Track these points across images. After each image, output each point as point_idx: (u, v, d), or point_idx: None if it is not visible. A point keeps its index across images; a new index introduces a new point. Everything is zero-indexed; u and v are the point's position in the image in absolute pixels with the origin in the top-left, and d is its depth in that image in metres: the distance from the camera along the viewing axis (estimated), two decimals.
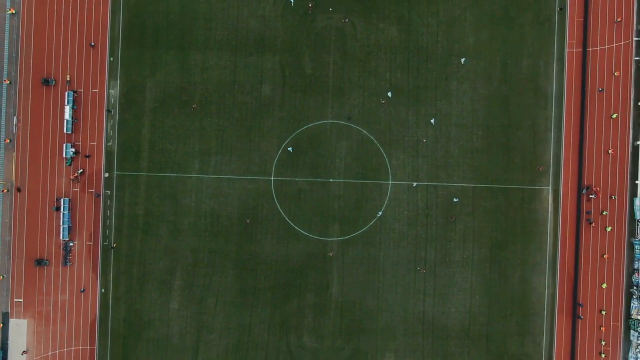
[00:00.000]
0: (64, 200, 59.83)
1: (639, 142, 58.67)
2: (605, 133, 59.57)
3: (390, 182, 59.98)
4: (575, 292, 59.44)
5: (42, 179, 60.56)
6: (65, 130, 59.84)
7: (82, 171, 60.25)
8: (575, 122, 59.75)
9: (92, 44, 59.86)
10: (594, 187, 59.47)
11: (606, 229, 59.26)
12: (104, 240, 60.59)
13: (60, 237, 60.00)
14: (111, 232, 60.58)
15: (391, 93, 59.22)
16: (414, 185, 59.23)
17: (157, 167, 60.47)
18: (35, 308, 60.71)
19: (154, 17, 60.39)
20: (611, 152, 59.29)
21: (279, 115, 60.19)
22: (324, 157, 59.97)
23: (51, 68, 60.37)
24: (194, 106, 59.51)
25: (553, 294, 59.63)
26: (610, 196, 59.25)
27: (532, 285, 59.70)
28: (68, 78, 60.14)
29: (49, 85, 60.17)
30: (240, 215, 60.15)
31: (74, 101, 59.84)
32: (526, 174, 59.80)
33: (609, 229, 59.22)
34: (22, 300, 60.71)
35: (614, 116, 59.27)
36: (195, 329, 60.48)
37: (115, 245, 60.07)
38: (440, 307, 59.74)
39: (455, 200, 59.30)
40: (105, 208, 60.59)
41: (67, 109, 59.51)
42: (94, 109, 60.55)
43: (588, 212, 59.28)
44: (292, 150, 59.49)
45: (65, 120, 59.63)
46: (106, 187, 60.61)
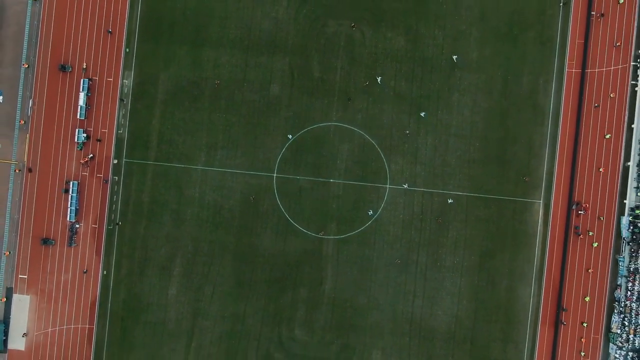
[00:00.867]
0: (72, 183, 62.03)
1: (630, 163, 60.85)
2: (598, 152, 61.76)
3: (388, 186, 62.18)
4: (559, 304, 61.66)
5: (53, 162, 62.73)
6: (78, 116, 62.01)
7: (92, 156, 62.44)
8: (570, 140, 61.95)
9: (109, 31, 61.96)
10: (584, 203, 61.69)
11: (593, 245, 61.48)
12: (109, 224, 62.80)
13: (67, 219, 62.19)
14: (116, 216, 62.77)
15: (380, 79, 60.98)
16: (405, 186, 61.35)
17: (164, 157, 62.64)
18: (38, 285, 62.91)
19: (171, 12, 62.53)
20: (602, 171, 61.50)
21: (285, 114, 62.35)
22: (325, 158, 62.16)
23: (69, 55, 62.53)
24: (217, 82, 61.36)
25: (537, 304, 61.88)
26: (599, 217, 61.47)
27: (518, 294, 61.95)
28: (84, 66, 62.33)
29: (66, 72, 62.34)
30: (242, 209, 62.36)
31: (88, 88, 62.02)
32: (519, 187, 61.99)
33: (596, 245, 61.45)
34: (26, 276, 62.93)
35: (608, 136, 61.46)
36: (191, 315, 62.71)
37: (120, 222, 62.08)
38: (428, 309, 62.00)
39: (450, 201, 61.47)
40: (112, 193, 62.79)
41: (82, 95, 61.67)
42: (107, 97, 62.72)
43: (576, 228, 61.50)
44: (291, 137, 61.40)
45: (79, 107, 61.80)
46: (114, 173, 62.80)
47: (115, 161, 62.73)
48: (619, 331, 60.80)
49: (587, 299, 61.50)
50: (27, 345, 62.70)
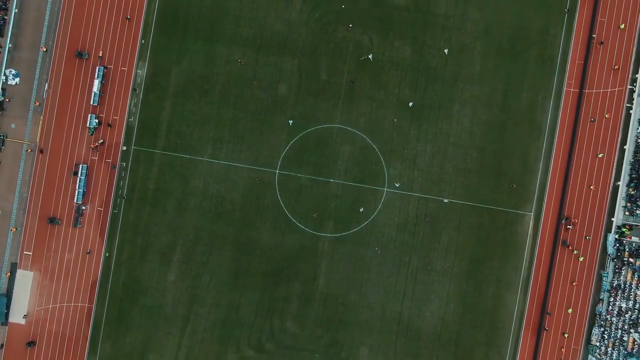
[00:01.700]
0: (82, 166, 64.19)
1: (619, 183, 63.08)
2: (590, 170, 64.02)
3: (385, 189, 64.41)
4: (542, 313, 63.95)
5: (64, 144, 64.87)
6: (91, 102, 64.12)
7: (102, 142, 64.59)
8: (564, 157, 64.18)
9: (127, 17, 63.98)
10: (573, 218, 63.94)
11: (579, 259, 63.75)
12: (114, 208, 64.98)
13: (74, 200, 64.34)
14: (122, 202, 64.94)
15: (372, 56, 63.12)
16: (397, 185, 63.50)
17: (172, 147, 64.80)
18: (42, 262, 65.10)
19: (188, 8, 64.65)
20: (593, 189, 63.75)
21: (291, 114, 64.52)
22: (327, 158, 64.36)
23: (86, 43, 64.67)
24: (241, 60, 63.57)
25: (522, 312, 64.16)
26: (585, 237, 63.73)
27: (504, 301, 64.23)
28: (100, 54, 64.45)
29: (82, 58, 64.48)
30: (244, 202, 64.55)
31: (103, 76, 64.15)
32: (512, 198, 64.24)
33: (582, 259, 63.73)
34: (31, 253, 65.10)
35: (600, 155, 63.71)
36: (188, 302, 64.93)
37: (126, 197, 64.31)
38: (417, 311, 64.26)
39: (445, 200, 63.60)
40: (119, 179, 64.96)
41: (96, 82, 63.82)
42: (120, 85, 64.88)
43: (564, 242, 63.74)
44: (292, 123, 63.52)
45: (92, 93, 63.94)
46: (122, 160, 64.98)
47: (124, 148, 64.90)
48: (598, 344, 63.09)
49: (570, 310, 63.78)
50: (28, 320, 64.89)
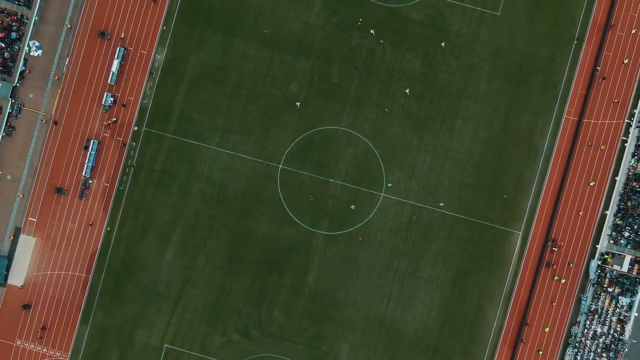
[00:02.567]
0: (93, 141, 66.47)
1: (607, 212, 65.44)
2: (581, 197, 66.37)
3: (382, 194, 66.73)
4: (520, 329, 66.36)
5: (78, 119, 67.15)
6: (109, 81, 66.42)
7: (115, 120, 66.88)
8: (557, 181, 66.53)
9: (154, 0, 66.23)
10: (560, 241, 66.31)
11: (560, 281, 66.13)
12: (120, 184, 67.26)
13: (82, 174, 66.63)
14: (128, 179, 67.25)
15: (374, 32, 65.53)
16: (390, 185, 65.84)
17: (181, 132, 67.08)
18: (45, 230, 67.41)
19: (211, 0, 66.91)
20: (581, 214, 66.11)
21: (299, 112, 66.81)
22: (329, 159, 66.66)
23: (109, 23, 66.89)
24: (266, 32, 65.83)
25: (501, 326, 66.56)
26: (568, 263, 66.11)
27: (485, 314, 66.62)
28: (122, 35, 66.73)
29: (104, 38, 66.75)
30: (245, 192, 66.84)
31: (122, 57, 66.43)
32: (503, 216, 66.58)
33: (563, 281, 66.11)
34: (35, 220, 67.41)
35: (592, 184, 66.06)
36: (182, 282, 67.28)
37: (135, 165, 66.61)
38: (400, 314, 66.64)
39: (441, 204, 65.93)
40: (128, 157, 67.24)
41: (115, 62, 66.11)
42: (138, 68, 67.15)
43: (548, 262, 66.11)
44: (299, 105, 65.84)
45: (111, 72, 66.21)
46: (133, 139, 67.25)
47: (136, 128, 67.16)
48: None
49: (547, 329, 66.18)
50: (26, 283, 67.23)
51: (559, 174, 66.61)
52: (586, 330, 65.31)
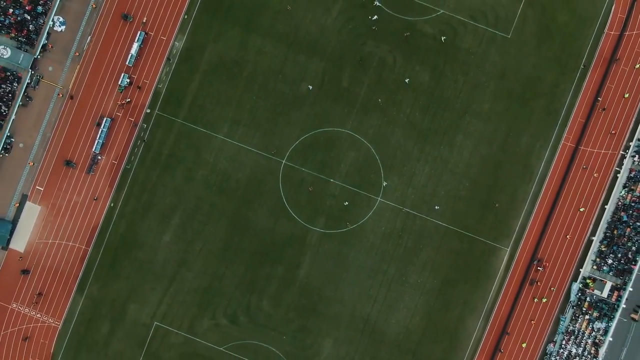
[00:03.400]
0: (106, 119, 68.64)
1: (594, 238, 67.64)
2: (570, 221, 68.59)
3: (379, 199, 68.93)
4: (499, 342, 68.62)
5: (93, 96, 69.28)
6: (127, 62, 68.55)
7: (129, 101, 69.04)
8: (548, 203, 68.76)
9: None
10: (545, 261, 68.55)
11: (542, 300, 68.36)
12: (127, 163, 69.41)
13: (92, 149, 68.79)
14: (136, 159, 69.39)
15: (376, 17, 67.67)
16: (384, 185, 68.07)
17: (192, 118, 69.23)
18: (51, 199, 69.58)
19: None
20: (568, 238, 68.34)
21: (307, 111, 68.97)
22: (332, 160, 68.83)
23: (133, 7, 69.01)
24: (289, 7, 68.06)
25: (480, 337, 68.84)
26: (550, 287, 68.33)
27: (466, 324, 68.87)
28: (144, 20, 68.87)
29: (127, 21, 68.89)
30: (247, 183, 69.01)
31: (142, 41, 68.57)
32: (493, 232, 68.81)
33: (545, 300, 68.35)
34: (42, 189, 69.56)
35: (582, 209, 68.28)
36: (177, 264, 69.46)
37: (146, 140, 68.66)
38: (384, 315, 68.86)
39: (436, 207, 68.21)
40: (138, 138, 69.39)
41: (135, 45, 68.26)
42: (156, 53, 69.30)
43: (532, 280, 68.37)
44: (311, 87, 68.13)
45: (130, 54, 68.36)
46: (144, 121, 69.39)
47: (149, 111, 69.32)
48: None
49: (524, 345, 68.44)
50: (26, 249, 69.44)
51: (551, 196, 68.84)
52: (562, 350, 67.54)
